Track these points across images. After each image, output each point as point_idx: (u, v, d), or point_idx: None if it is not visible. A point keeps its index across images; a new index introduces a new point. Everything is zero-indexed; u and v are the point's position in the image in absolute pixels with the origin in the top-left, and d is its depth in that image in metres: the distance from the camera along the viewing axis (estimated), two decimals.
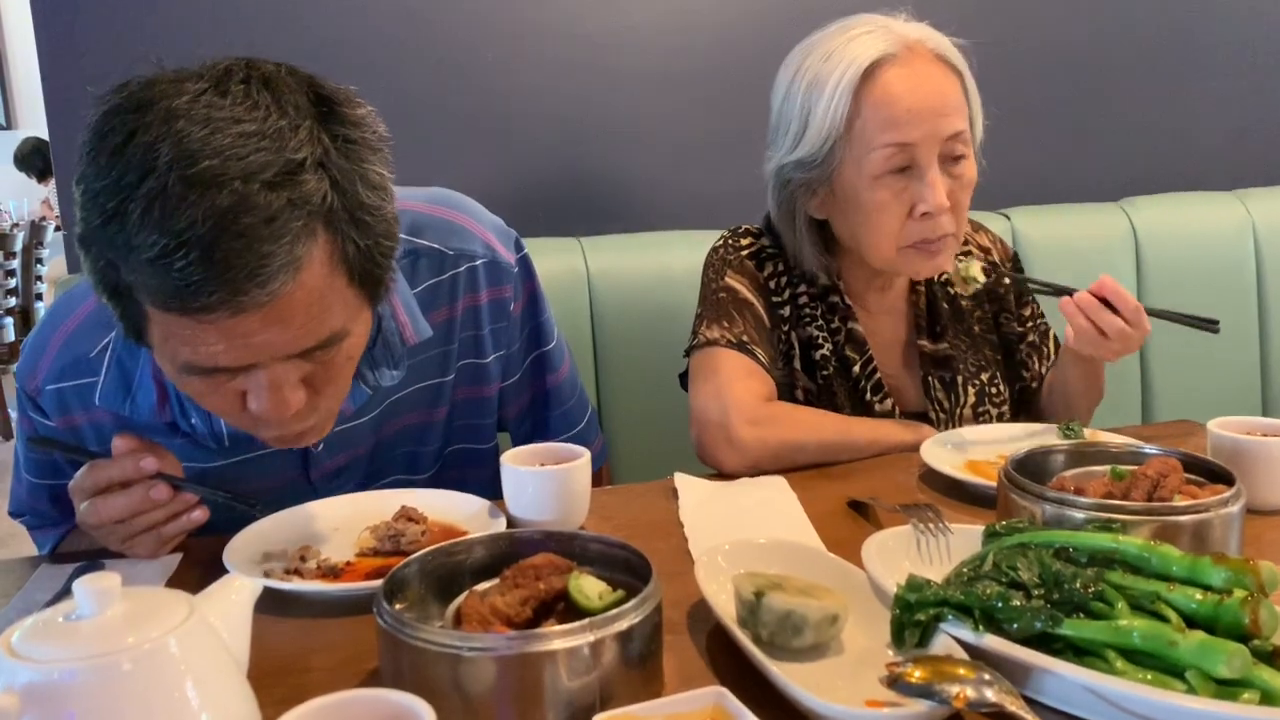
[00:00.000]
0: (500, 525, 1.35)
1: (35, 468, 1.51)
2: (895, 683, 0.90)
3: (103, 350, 1.37)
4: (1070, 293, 1.60)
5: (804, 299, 1.82)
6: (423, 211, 1.49)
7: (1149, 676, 0.91)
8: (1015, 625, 0.97)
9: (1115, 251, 2.67)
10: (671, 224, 2.55)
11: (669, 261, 2.38)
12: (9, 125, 9.27)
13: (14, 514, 1.57)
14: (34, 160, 8.21)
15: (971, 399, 1.85)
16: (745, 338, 1.72)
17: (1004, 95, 2.09)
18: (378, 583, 1.04)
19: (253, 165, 1.01)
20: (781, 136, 1.74)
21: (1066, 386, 1.83)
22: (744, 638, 1.01)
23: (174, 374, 1.16)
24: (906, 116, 1.60)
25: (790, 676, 0.94)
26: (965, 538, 1.21)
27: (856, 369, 1.79)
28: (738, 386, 1.66)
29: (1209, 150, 3.02)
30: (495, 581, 1.09)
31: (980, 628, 0.97)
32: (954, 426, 1.83)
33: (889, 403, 1.81)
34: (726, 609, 1.08)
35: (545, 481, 1.37)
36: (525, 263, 1.61)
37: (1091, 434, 1.65)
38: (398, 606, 1.04)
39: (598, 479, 1.78)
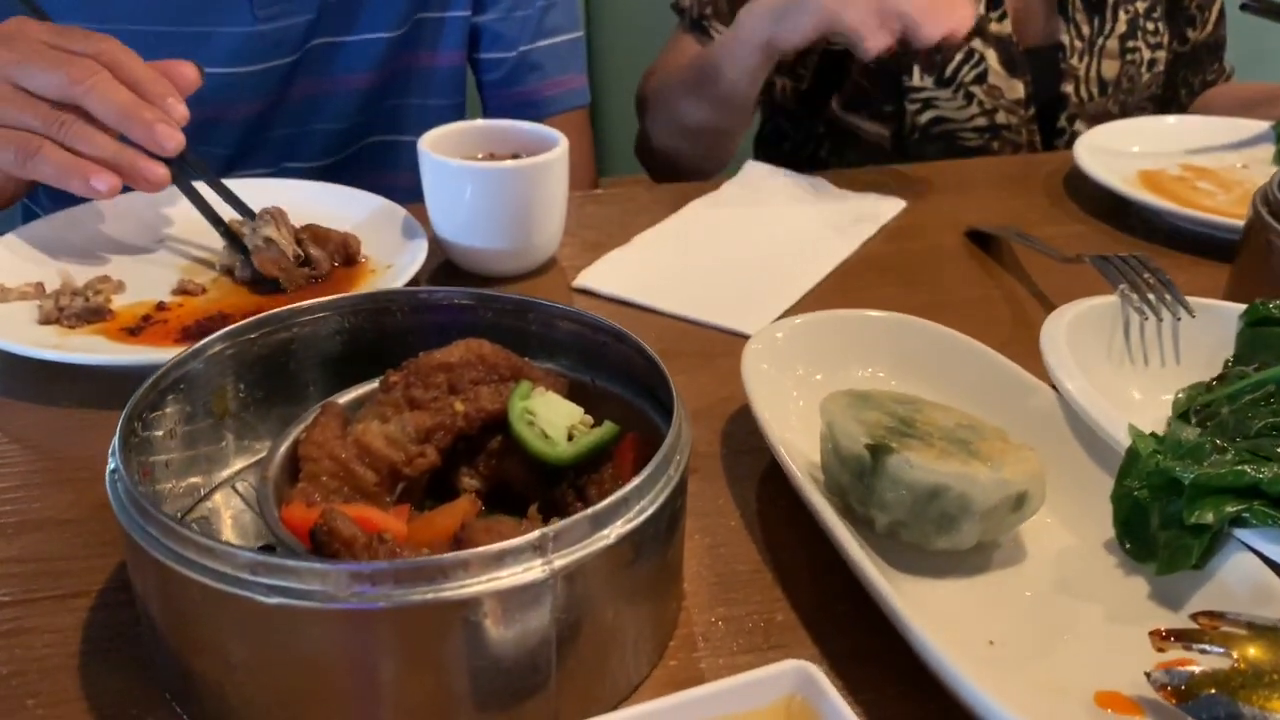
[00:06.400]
0: (416, 254, 0.83)
1: None
2: (1174, 687, 0.43)
3: None
4: None
5: None
6: None
7: None
8: None
9: None
10: None
11: None
12: None
13: None
14: None
15: (1121, 28, 1.30)
16: (710, 10, 1.26)
17: None
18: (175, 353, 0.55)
19: None
20: None
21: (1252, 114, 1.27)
22: (840, 527, 0.52)
23: None
24: None
25: (929, 628, 0.45)
26: (1205, 320, 0.70)
27: None
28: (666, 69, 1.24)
29: None
30: (371, 388, 0.59)
31: None
32: (1091, 63, 1.29)
33: (1007, 24, 1.25)
34: (800, 450, 0.59)
35: (495, 186, 0.83)
36: None
37: None
38: (162, 433, 0.54)
39: (576, 132, 1.27)
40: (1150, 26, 1.33)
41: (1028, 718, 0.42)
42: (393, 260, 0.84)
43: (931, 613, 0.51)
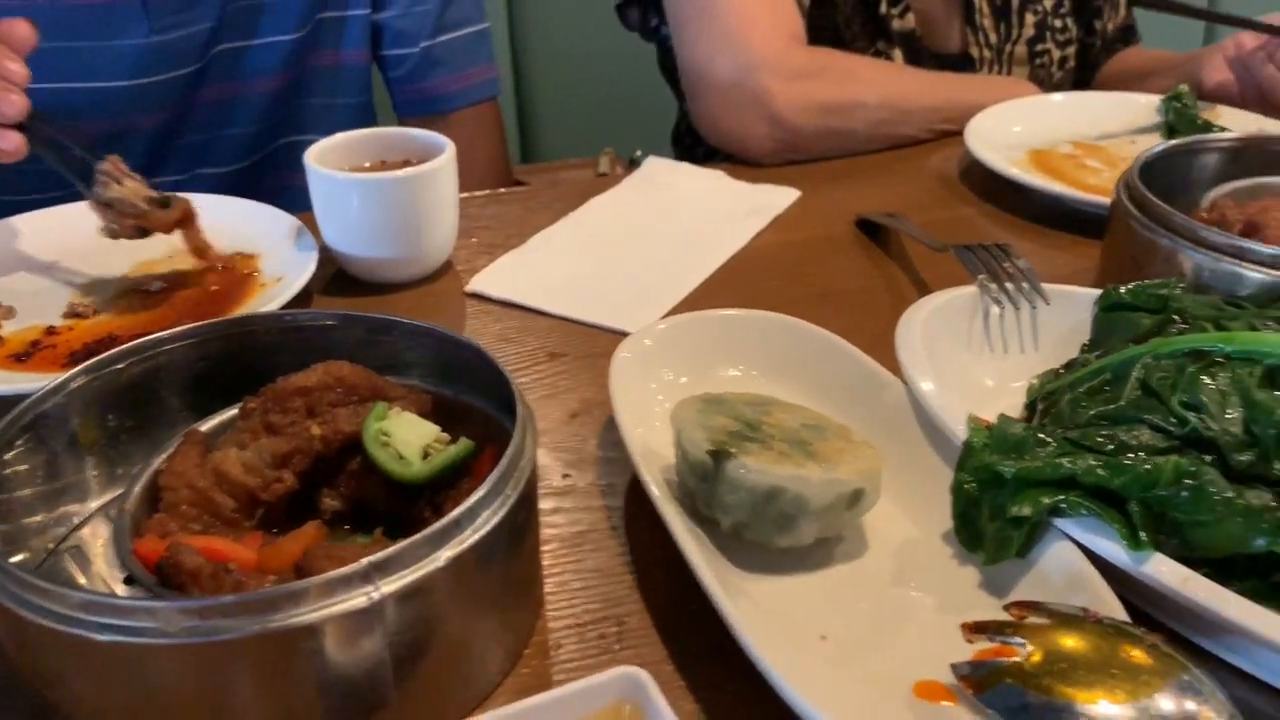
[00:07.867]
0: (307, 266, 0.84)
1: None
2: (976, 678, 0.45)
3: None
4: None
5: None
6: None
7: None
8: (1213, 536, 0.50)
9: None
10: None
11: None
12: None
13: None
14: None
15: (1029, 32, 1.32)
16: None
17: None
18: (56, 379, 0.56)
19: None
20: None
21: (1146, 84, 1.29)
22: (683, 530, 0.54)
23: None
24: None
25: (763, 625, 0.48)
26: (1063, 306, 0.73)
27: None
28: (758, 21, 1.12)
29: None
30: (232, 414, 0.60)
31: (1143, 538, 0.51)
32: (999, 69, 1.32)
33: (910, 19, 1.25)
34: (663, 455, 0.61)
35: (380, 196, 0.85)
36: None
37: (1212, 110, 1.13)
38: (26, 468, 0.55)
39: (486, 124, 1.32)
40: (1058, 24, 1.34)
41: (841, 711, 0.44)
42: (283, 273, 0.85)
43: (769, 610, 0.53)
